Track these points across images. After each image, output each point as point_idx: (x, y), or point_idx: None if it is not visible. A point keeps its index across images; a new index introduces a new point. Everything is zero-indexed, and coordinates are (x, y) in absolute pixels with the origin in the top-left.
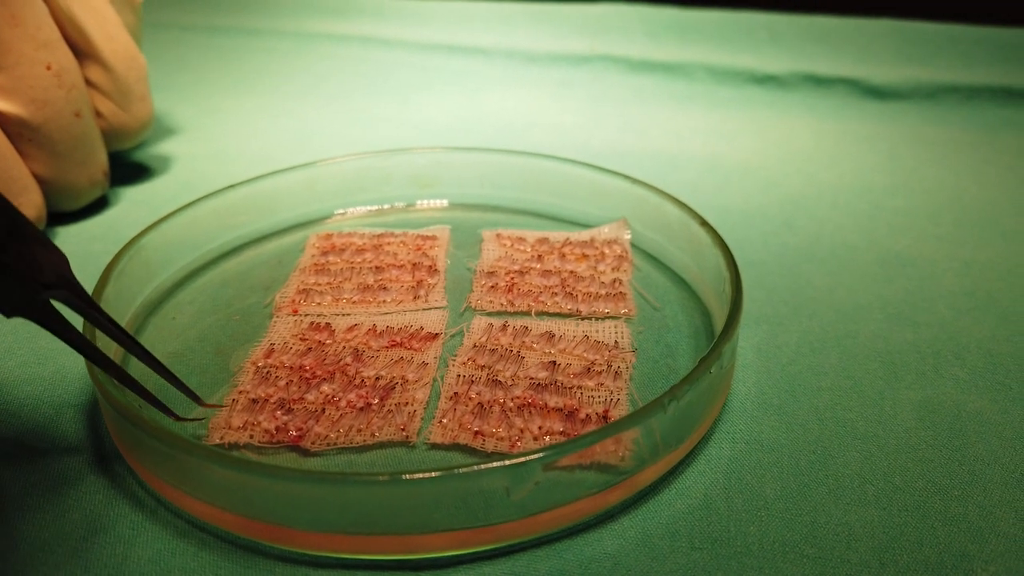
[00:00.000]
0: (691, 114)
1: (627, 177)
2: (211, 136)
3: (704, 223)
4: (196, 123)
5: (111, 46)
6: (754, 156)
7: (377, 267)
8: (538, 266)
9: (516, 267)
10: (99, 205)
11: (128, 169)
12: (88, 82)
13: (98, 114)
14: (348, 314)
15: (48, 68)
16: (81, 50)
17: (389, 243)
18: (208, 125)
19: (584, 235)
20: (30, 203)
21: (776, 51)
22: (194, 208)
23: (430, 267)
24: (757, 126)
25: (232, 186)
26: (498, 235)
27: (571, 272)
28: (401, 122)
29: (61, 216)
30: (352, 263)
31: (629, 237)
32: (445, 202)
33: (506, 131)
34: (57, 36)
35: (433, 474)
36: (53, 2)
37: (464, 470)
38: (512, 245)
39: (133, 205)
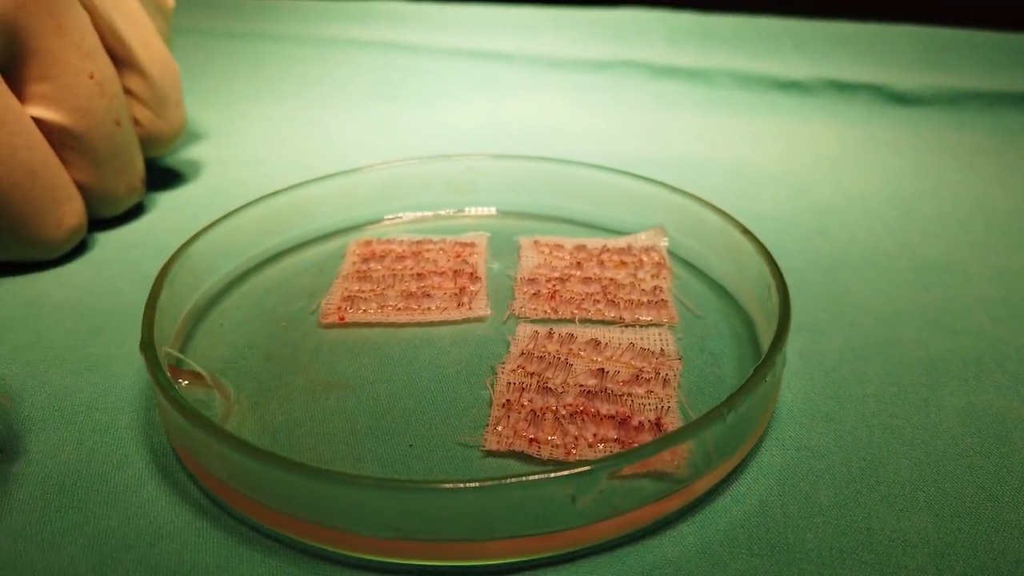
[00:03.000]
0: (715, 119)
1: (664, 184)
2: (239, 142)
3: (745, 231)
4: (223, 129)
5: (148, 53)
6: (780, 162)
7: (419, 274)
8: (578, 273)
9: (556, 274)
10: (135, 211)
11: (160, 174)
12: (126, 90)
13: (135, 122)
14: (395, 322)
15: (91, 77)
16: (119, 58)
17: (428, 250)
18: (235, 131)
19: (621, 242)
20: (73, 211)
21: (799, 57)
22: (237, 216)
23: (471, 274)
24: (781, 132)
25: (274, 193)
26: (536, 242)
27: (611, 279)
28: (426, 129)
29: (99, 223)
30: (394, 270)
31: (666, 244)
32: (481, 209)
33: (530, 137)
34: (99, 45)
35: (505, 481)
36: (94, 11)
37: (535, 477)
38: (550, 252)
39: (168, 211)
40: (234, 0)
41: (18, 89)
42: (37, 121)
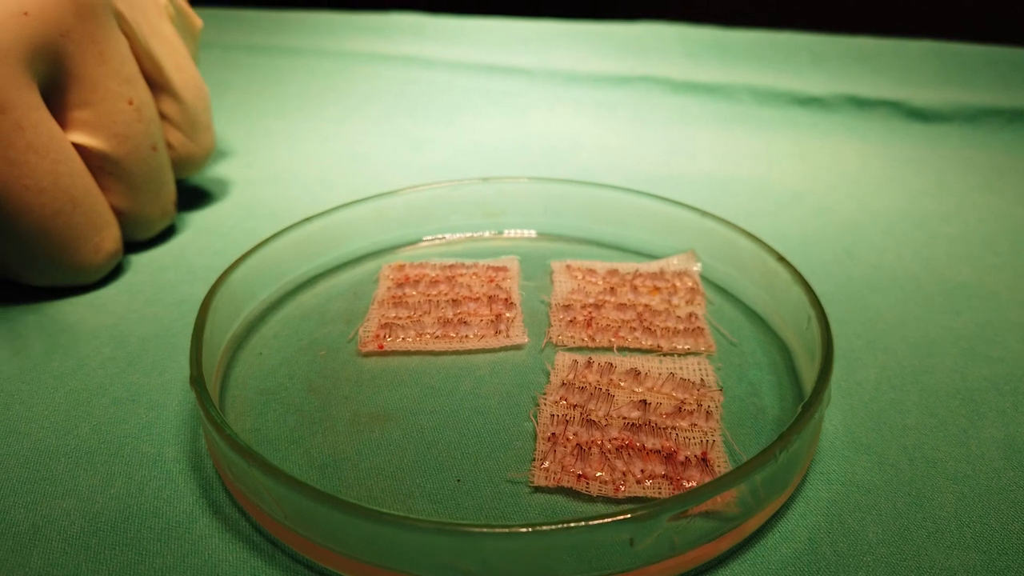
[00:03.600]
0: (736, 135)
1: (696, 209)
2: (265, 159)
3: (780, 258)
4: (248, 146)
5: (181, 77)
6: (803, 180)
7: (454, 300)
8: (612, 299)
9: (591, 300)
10: (167, 233)
11: (188, 194)
12: (160, 114)
13: (168, 145)
14: (433, 350)
15: (130, 103)
16: (155, 83)
17: (461, 275)
18: (260, 148)
19: (653, 267)
20: (111, 237)
21: (818, 72)
22: (273, 243)
23: (506, 300)
24: (802, 148)
25: (307, 219)
26: (568, 266)
27: (646, 306)
28: (448, 145)
29: (132, 245)
30: (428, 295)
31: (699, 269)
32: (511, 232)
33: (552, 154)
34: (137, 71)
35: (566, 525)
36: (133, 37)
37: (595, 522)
38: (583, 277)
39: (199, 233)
40: (254, 13)
41: (60, 115)
42: (77, 147)
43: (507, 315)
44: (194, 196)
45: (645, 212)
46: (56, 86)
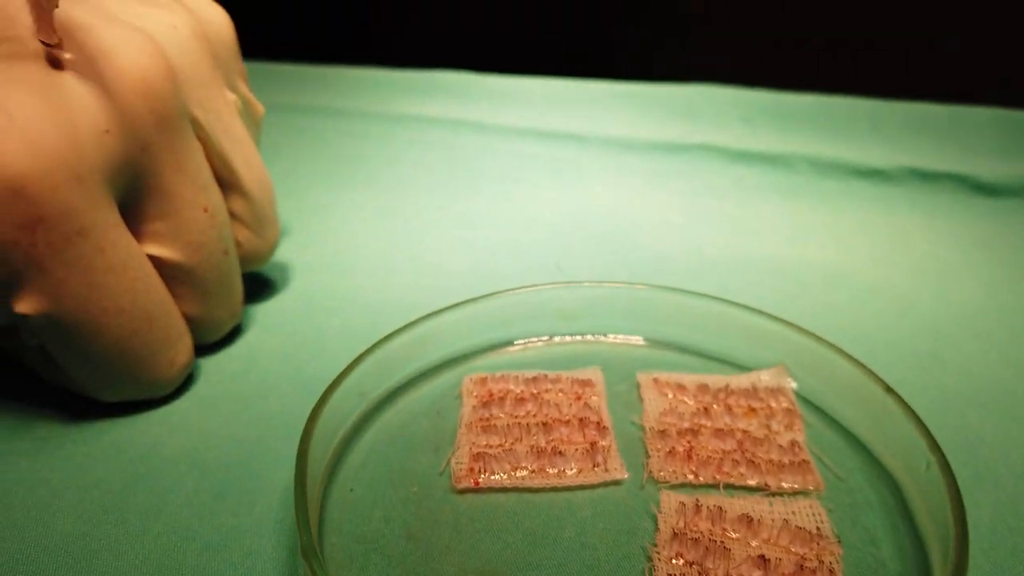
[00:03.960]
0: (798, 210)
1: (787, 323)
2: (320, 238)
3: (889, 389)
4: (302, 223)
5: (251, 174)
6: (875, 267)
7: (544, 423)
8: (708, 423)
9: (686, 424)
10: (232, 332)
11: (249, 282)
12: (229, 212)
13: (236, 242)
14: (530, 487)
15: (205, 211)
16: (225, 182)
17: (547, 390)
18: (314, 225)
19: (744, 381)
20: (185, 349)
21: (877, 141)
22: (357, 368)
23: (598, 423)
24: (868, 226)
25: (387, 337)
26: (655, 380)
27: (744, 432)
28: (505, 220)
29: (198, 348)
30: (516, 417)
31: (794, 387)
32: (589, 337)
33: (613, 232)
34: (211, 176)
35: None
36: (207, 140)
37: None
38: (674, 396)
39: (265, 331)
40: (296, 68)
41: (135, 227)
42: (152, 258)
43: (602, 443)
44: (255, 284)
45: (731, 321)
46: (133, 199)
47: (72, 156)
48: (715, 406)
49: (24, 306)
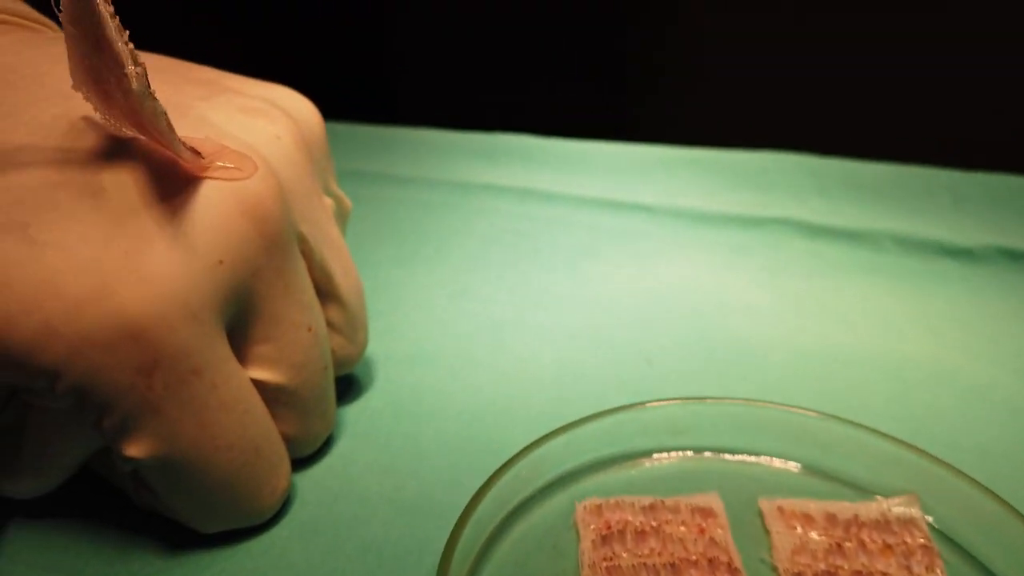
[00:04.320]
0: (885, 292)
1: (918, 449)
2: (397, 324)
3: None
4: (378, 306)
5: (347, 281)
6: (972, 361)
7: (671, 564)
8: (845, 564)
9: (822, 566)
10: (325, 442)
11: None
12: (327, 323)
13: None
14: None
15: (309, 329)
16: (324, 291)
17: (668, 521)
18: (389, 308)
19: (873, 511)
20: (285, 474)
21: (961, 216)
22: (478, 507)
23: (728, 564)
24: (959, 313)
25: (507, 466)
26: (780, 509)
27: (883, 574)
28: (581, 301)
29: (292, 463)
30: (640, 556)
31: (929, 520)
32: (698, 454)
33: (698, 316)
34: (314, 292)
35: None
36: (310, 254)
37: None
38: (802, 529)
39: (357, 440)
40: (351, 132)
41: (240, 352)
42: (255, 382)
43: None
44: (339, 383)
45: (855, 444)
46: (239, 324)
47: (189, 293)
48: (847, 543)
49: (135, 450)
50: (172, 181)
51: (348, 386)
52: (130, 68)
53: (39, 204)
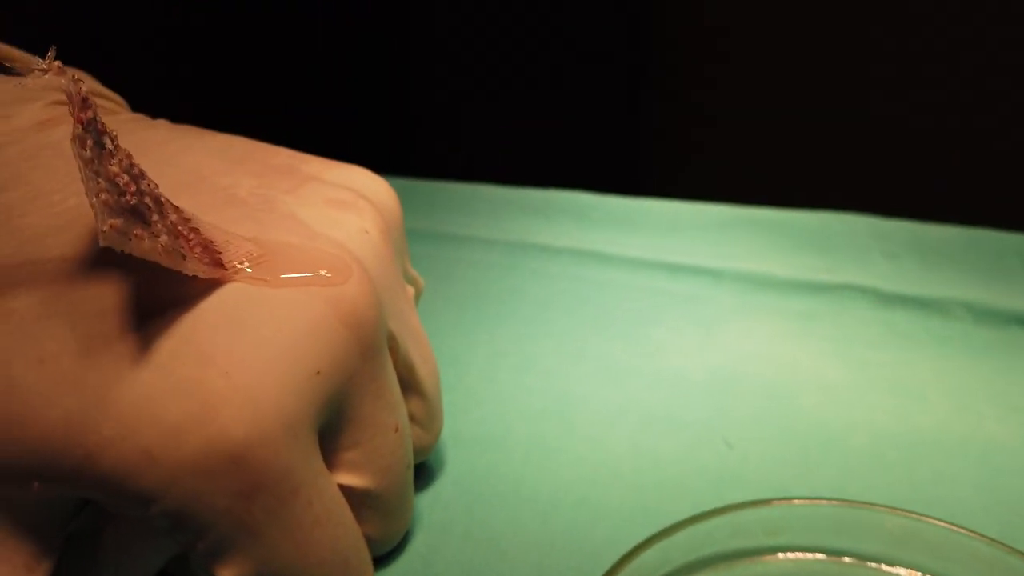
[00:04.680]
0: (960, 367)
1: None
2: (464, 403)
3: None
4: (442, 380)
5: (426, 370)
6: None
7: None
8: None
9: None
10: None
11: None
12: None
13: None
14: None
15: (396, 430)
16: (406, 384)
17: None
18: (454, 384)
19: None
20: None
21: None
22: None
23: None
24: None
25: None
26: None
27: None
28: (650, 375)
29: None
30: None
31: None
32: (802, 555)
33: (770, 392)
34: (399, 390)
35: None
36: (396, 350)
37: None
38: None
39: (434, 534)
40: (406, 183)
41: (328, 460)
42: (341, 488)
43: None
44: None
45: (966, 552)
46: (329, 432)
47: (289, 410)
48: None
49: (228, 572)
50: (265, 290)
51: (418, 472)
52: (103, 226)
53: (126, 318)
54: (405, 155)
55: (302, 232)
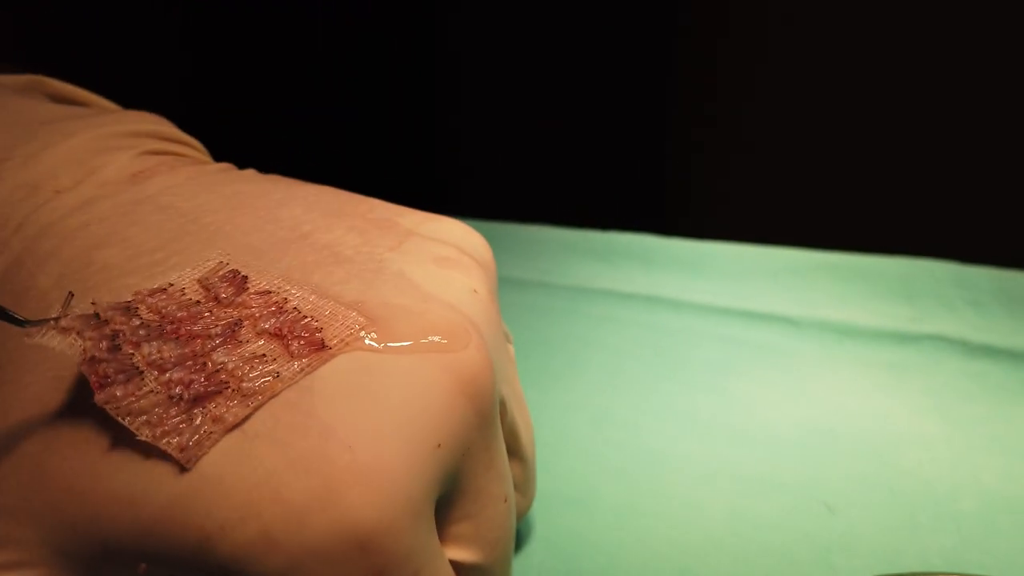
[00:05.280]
0: None
1: None
2: (542, 457)
3: None
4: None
5: (528, 434)
6: None
7: None
8: None
9: None
10: None
11: None
12: None
13: None
14: None
15: (504, 501)
16: (510, 450)
17: None
18: (545, 435)
19: None
20: None
21: None
22: None
23: None
24: None
25: None
26: None
27: None
28: (733, 430)
29: None
30: None
31: None
32: None
33: (866, 449)
34: (507, 459)
35: None
36: (505, 416)
37: None
38: None
39: None
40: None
41: (439, 533)
42: (452, 563)
43: None
44: None
45: None
46: (442, 505)
47: (412, 488)
48: None
49: None
50: (382, 357)
51: None
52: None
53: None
54: (455, 195)
55: (413, 294)
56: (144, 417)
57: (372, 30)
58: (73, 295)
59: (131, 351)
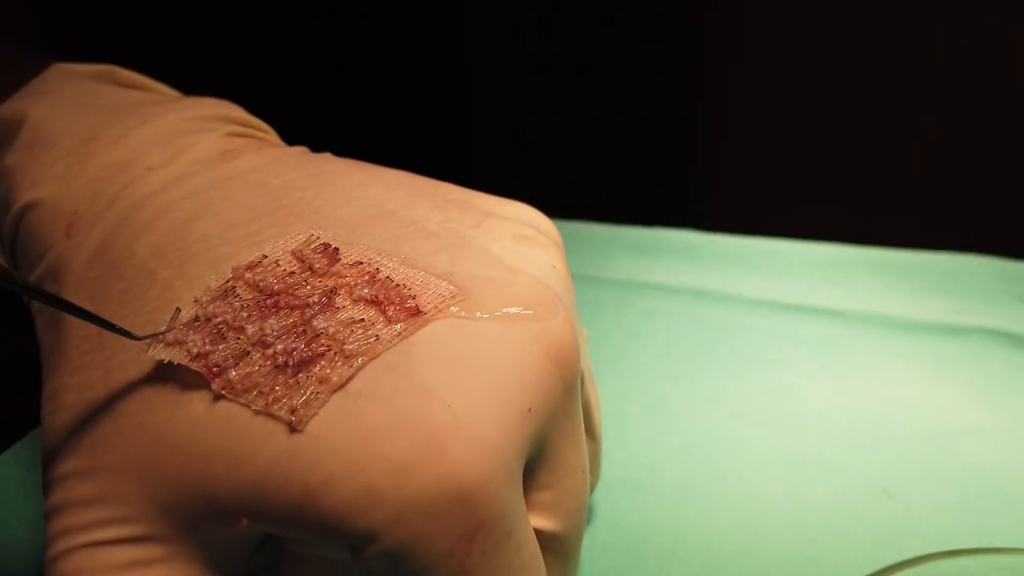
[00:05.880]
0: None
1: None
2: (608, 443)
3: None
4: None
5: (598, 414)
6: None
7: None
8: None
9: None
10: None
11: None
12: None
13: None
14: None
15: (583, 472)
16: (585, 427)
17: None
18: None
19: None
20: None
21: None
22: None
23: None
24: None
25: None
26: None
27: None
28: (793, 422)
29: None
30: None
31: None
32: None
33: (921, 438)
34: (584, 432)
35: None
36: (583, 390)
37: None
38: None
39: None
40: None
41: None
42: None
43: None
44: None
45: None
46: (528, 471)
47: (508, 448)
48: None
49: None
50: (476, 324)
51: None
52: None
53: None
54: (498, 193)
55: (499, 267)
56: (256, 391)
57: (402, 30)
58: (180, 310)
59: (237, 336)
